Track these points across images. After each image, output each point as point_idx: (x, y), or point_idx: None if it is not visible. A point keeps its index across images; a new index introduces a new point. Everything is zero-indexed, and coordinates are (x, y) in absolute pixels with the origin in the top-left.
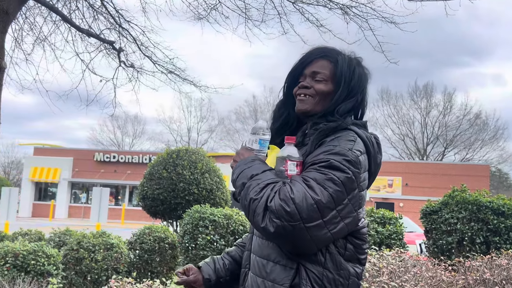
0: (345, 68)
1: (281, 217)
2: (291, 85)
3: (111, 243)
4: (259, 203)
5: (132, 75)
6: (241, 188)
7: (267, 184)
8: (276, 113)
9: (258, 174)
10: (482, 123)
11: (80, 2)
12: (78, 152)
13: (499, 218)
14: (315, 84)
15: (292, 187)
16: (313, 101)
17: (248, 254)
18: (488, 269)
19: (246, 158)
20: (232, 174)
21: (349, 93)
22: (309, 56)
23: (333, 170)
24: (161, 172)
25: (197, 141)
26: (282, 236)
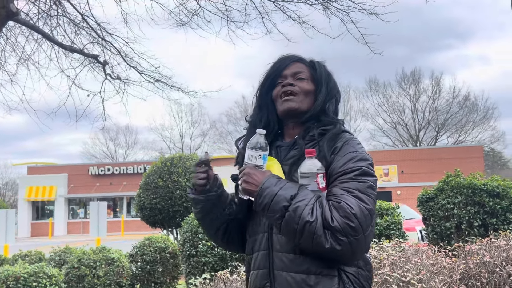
0: (322, 70)
1: (347, 234)
2: (267, 91)
3: (112, 258)
4: (317, 225)
5: (119, 86)
6: (283, 211)
7: (314, 203)
8: (256, 120)
9: (298, 194)
10: (471, 104)
11: (61, 18)
12: (72, 168)
13: (494, 199)
14: (298, 82)
15: (345, 201)
16: (298, 99)
17: (265, 272)
18: (487, 252)
19: (269, 179)
20: (260, 197)
21: (328, 94)
22: (285, 61)
23: (367, 176)
24: (156, 181)
25: (191, 146)
26: (347, 252)
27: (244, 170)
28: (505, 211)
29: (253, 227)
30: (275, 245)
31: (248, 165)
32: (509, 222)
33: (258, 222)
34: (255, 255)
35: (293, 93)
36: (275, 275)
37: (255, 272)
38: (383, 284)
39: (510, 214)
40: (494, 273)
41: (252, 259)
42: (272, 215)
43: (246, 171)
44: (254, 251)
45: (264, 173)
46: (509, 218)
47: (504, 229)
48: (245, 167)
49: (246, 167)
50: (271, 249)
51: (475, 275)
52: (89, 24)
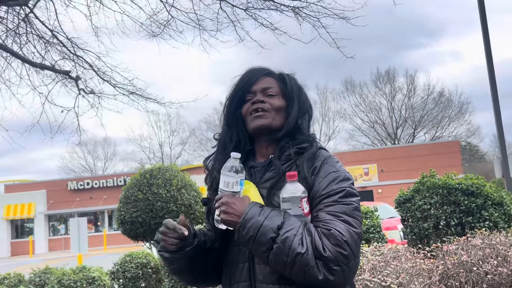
0: (293, 84)
1: (340, 262)
2: (236, 108)
3: (93, 277)
4: (309, 256)
5: (94, 101)
6: (270, 243)
7: (302, 232)
8: (226, 139)
9: (284, 223)
10: (446, 100)
11: (30, 35)
12: (51, 184)
13: (469, 198)
14: (269, 99)
15: (335, 228)
16: (270, 116)
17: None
18: (464, 251)
19: (251, 208)
20: (243, 229)
21: (300, 109)
22: (253, 75)
23: (351, 197)
24: (136, 194)
25: (171, 155)
26: (340, 280)
27: (221, 199)
28: (480, 209)
29: (231, 256)
30: (258, 276)
31: (225, 193)
32: (484, 220)
33: (236, 251)
34: (234, 287)
35: (264, 110)
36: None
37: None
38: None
39: (485, 212)
40: (472, 272)
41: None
42: (258, 247)
43: (224, 201)
44: (233, 282)
45: (243, 201)
46: (484, 216)
47: (480, 227)
48: (222, 195)
49: (223, 195)
50: (253, 280)
51: (454, 275)
52: (59, 40)
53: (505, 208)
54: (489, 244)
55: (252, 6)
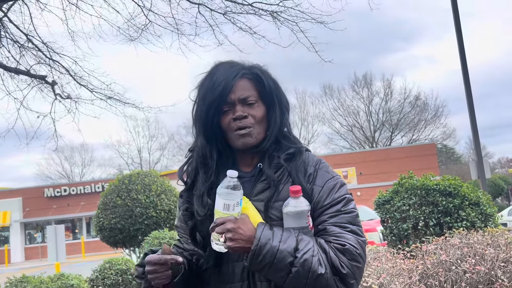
0: (270, 83)
1: (356, 276)
2: (212, 119)
3: (71, 284)
4: (329, 275)
5: (70, 106)
6: (289, 268)
7: (318, 251)
8: (206, 154)
9: (298, 243)
10: (422, 104)
11: (4, 40)
12: (27, 191)
13: (447, 198)
14: (250, 110)
15: (348, 242)
16: (255, 131)
17: None
18: (443, 251)
19: (262, 232)
20: (258, 257)
21: (281, 110)
22: (226, 79)
23: (351, 203)
24: (115, 200)
25: (150, 161)
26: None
27: (224, 225)
28: (457, 209)
29: (221, 277)
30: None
31: (227, 218)
32: (462, 220)
33: (228, 271)
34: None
35: (248, 127)
36: None
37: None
38: None
39: (463, 212)
40: (451, 271)
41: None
42: (275, 273)
43: (230, 227)
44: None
45: (247, 223)
46: (462, 216)
47: (457, 227)
48: (224, 219)
49: (225, 220)
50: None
51: (433, 275)
52: (34, 44)
53: (482, 208)
54: (467, 243)
55: (231, 10)
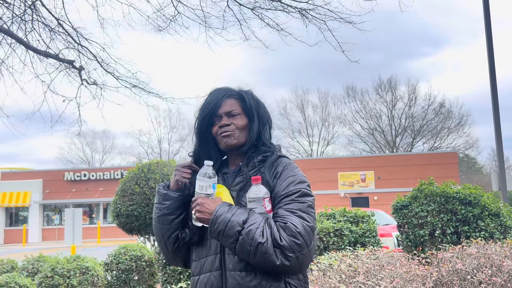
0: (252, 101)
1: (294, 250)
2: (206, 129)
3: (86, 267)
4: (268, 245)
5: (96, 92)
6: (237, 235)
7: (263, 225)
8: (199, 155)
9: (248, 218)
10: (446, 111)
11: (35, 23)
12: (47, 173)
13: (466, 207)
14: (233, 120)
15: (290, 222)
16: (236, 135)
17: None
18: (459, 259)
19: (221, 207)
20: (214, 224)
21: (260, 121)
22: (217, 99)
23: (306, 196)
24: (133, 187)
25: (169, 152)
26: (295, 266)
27: (196, 200)
28: (476, 219)
29: (201, 250)
30: (228, 265)
31: (199, 195)
32: (480, 230)
33: (207, 245)
34: (205, 276)
35: (230, 131)
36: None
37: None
38: None
39: (482, 222)
40: (466, 281)
41: (199, 280)
42: (227, 239)
43: (199, 201)
44: (203, 272)
45: (215, 202)
46: (481, 226)
47: (475, 237)
48: (197, 197)
49: (198, 197)
50: (224, 269)
51: (447, 283)
52: (64, 29)
53: (502, 219)
54: (484, 253)
55: (259, 6)
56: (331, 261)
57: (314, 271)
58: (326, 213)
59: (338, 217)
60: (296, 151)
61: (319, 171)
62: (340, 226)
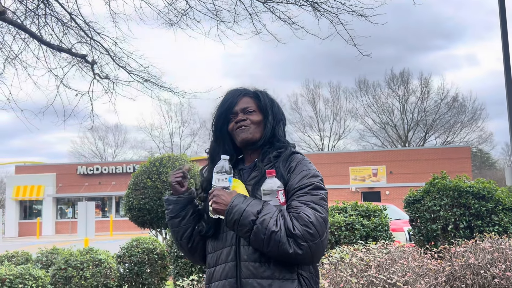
0: (266, 100)
1: (307, 239)
2: (222, 126)
3: (99, 259)
4: (282, 233)
5: (108, 86)
6: (251, 224)
7: (277, 215)
8: (214, 153)
9: (263, 209)
10: (459, 105)
11: (48, 17)
12: (61, 167)
13: (480, 202)
14: (249, 116)
15: (303, 212)
16: (251, 130)
17: (232, 281)
18: (472, 254)
19: (236, 198)
20: (230, 214)
21: (274, 118)
22: (233, 98)
23: (319, 190)
24: (145, 181)
25: (180, 146)
26: (308, 255)
27: (213, 192)
28: (490, 213)
29: (217, 243)
30: (243, 255)
31: (216, 188)
32: (494, 224)
33: (223, 238)
34: (220, 267)
35: (246, 126)
36: (242, 283)
37: (221, 282)
38: (369, 286)
39: (495, 216)
40: (479, 275)
41: (215, 271)
42: (242, 229)
43: (215, 193)
44: (219, 263)
45: (231, 194)
46: (494, 220)
47: (489, 231)
48: (214, 189)
49: (214, 189)
50: (238, 260)
51: (460, 277)
52: (77, 23)
53: None
54: (498, 248)
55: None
56: (342, 255)
57: (325, 265)
58: (337, 207)
59: (350, 211)
60: (307, 146)
61: (330, 165)
62: (351, 220)
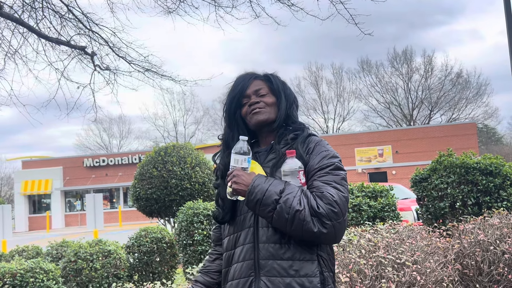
0: (278, 82)
1: (332, 218)
2: (234, 111)
3: (109, 250)
4: (306, 212)
5: (109, 77)
6: (275, 204)
7: (300, 195)
8: (228, 138)
9: (285, 188)
10: (464, 81)
11: (46, 10)
12: (67, 160)
13: (487, 178)
14: (262, 98)
15: (327, 191)
16: (266, 111)
17: (250, 263)
18: (481, 231)
19: (258, 178)
20: (252, 194)
21: (287, 100)
22: (244, 81)
23: (339, 170)
24: (151, 171)
25: (185, 135)
26: (331, 234)
27: (232, 172)
28: (498, 189)
29: (234, 227)
30: (261, 237)
31: (235, 168)
32: (502, 200)
33: (240, 221)
34: (239, 249)
35: (260, 108)
36: (261, 264)
37: (239, 264)
38: (378, 266)
39: (504, 192)
40: (488, 252)
41: (234, 253)
42: (264, 208)
43: (235, 173)
44: (238, 245)
45: (250, 174)
46: (503, 196)
47: (497, 207)
48: (233, 170)
49: (234, 170)
50: (256, 241)
51: (470, 254)
52: (74, 15)
53: None
54: (507, 223)
55: None
56: (350, 237)
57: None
58: None
59: (356, 193)
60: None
61: (336, 147)
62: (358, 201)
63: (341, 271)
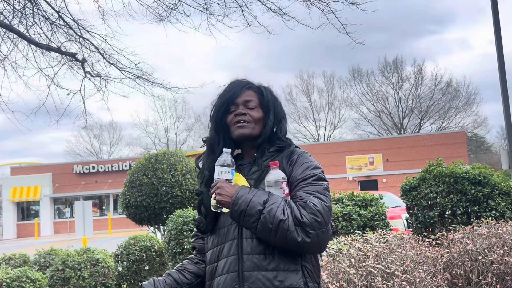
0: (270, 96)
1: (315, 227)
2: (222, 116)
3: (97, 259)
4: (289, 222)
5: (100, 84)
6: (259, 214)
7: (284, 205)
8: (214, 143)
9: (269, 199)
10: (454, 90)
11: (36, 16)
12: (56, 167)
13: (476, 187)
14: (249, 111)
15: (310, 201)
16: (250, 126)
17: (234, 275)
18: (470, 240)
19: (241, 189)
20: (236, 205)
21: (275, 118)
22: (236, 89)
23: (322, 180)
24: (141, 178)
25: (176, 141)
26: (315, 243)
27: (216, 184)
28: (486, 198)
29: (217, 238)
30: (246, 248)
31: (219, 180)
32: (491, 209)
33: (224, 233)
34: (222, 261)
35: (245, 121)
36: (245, 276)
37: (223, 277)
38: (367, 276)
39: (492, 201)
40: (477, 261)
41: (217, 266)
42: (249, 219)
43: (219, 185)
44: (221, 257)
45: (234, 186)
46: (491, 205)
47: (486, 216)
48: (217, 181)
49: (217, 181)
50: (241, 253)
51: (459, 264)
52: (65, 22)
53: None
54: (496, 233)
55: None
56: (340, 246)
57: (323, 256)
58: (334, 198)
59: (346, 201)
60: (303, 136)
61: (327, 155)
62: (348, 210)
63: (331, 280)
